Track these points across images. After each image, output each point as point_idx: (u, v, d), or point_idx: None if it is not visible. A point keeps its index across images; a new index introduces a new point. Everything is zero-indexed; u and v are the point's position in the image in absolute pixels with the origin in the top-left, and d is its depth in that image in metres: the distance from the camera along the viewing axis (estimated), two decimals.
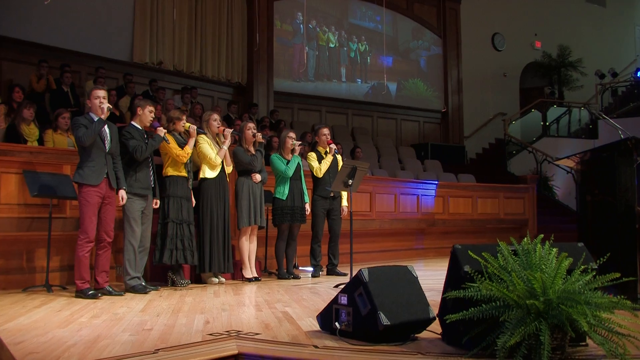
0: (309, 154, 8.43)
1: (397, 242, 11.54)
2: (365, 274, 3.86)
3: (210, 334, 4.06)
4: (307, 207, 8.11)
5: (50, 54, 11.70)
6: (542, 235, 3.69)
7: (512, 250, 3.58)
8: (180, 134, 7.14)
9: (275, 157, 8.01)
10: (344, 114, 17.26)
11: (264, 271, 8.64)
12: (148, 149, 6.47)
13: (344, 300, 3.98)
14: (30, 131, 7.56)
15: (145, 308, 5.32)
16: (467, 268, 3.50)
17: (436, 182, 12.45)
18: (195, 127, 7.13)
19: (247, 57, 15.47)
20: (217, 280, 7.40)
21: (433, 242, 12.27)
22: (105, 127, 6.14)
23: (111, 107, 6.24)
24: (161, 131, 6.62)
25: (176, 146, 6.94)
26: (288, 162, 7.95)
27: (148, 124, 6.64)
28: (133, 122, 6.64)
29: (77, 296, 5.96)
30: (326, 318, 4.11)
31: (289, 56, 16.31)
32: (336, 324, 3.95)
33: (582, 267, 3.51)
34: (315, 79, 16.84)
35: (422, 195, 12.03)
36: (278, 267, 8.06)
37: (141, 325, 4.41)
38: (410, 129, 18.35)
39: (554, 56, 20.49)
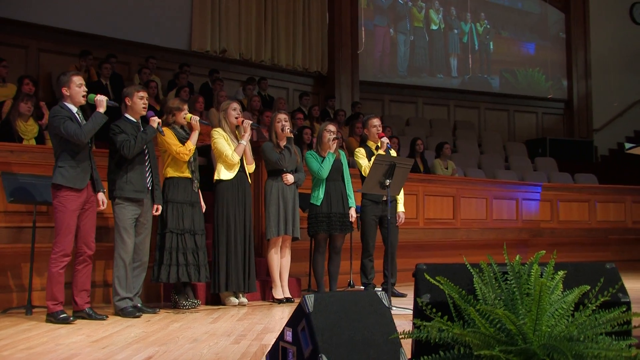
0: (357, 150, 7.73)
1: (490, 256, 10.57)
2: (310, 301, 3.16)
3: None
4: (352, 212, 7.39)
5: (95, 43, 11.56)
6: (543, 252, 2.89)
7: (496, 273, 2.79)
8: (182, 128, 6.66)
9: (309, 155, 7.35)
10: (445, 106, 16.34)
11: (307, 290, 8.02)
12: (137, 144, 5.98)
13: (289, 336, 3.30)
14: (27, 128, 7.31)
15: (106, 337, 4.84)
16: (423, 298, 2.73)
17: (540, 184, 11.37)
18: (198, 119, 6.62)
19: (328, 41, 14.90)
20: (236, 301, 6.84)
21: None
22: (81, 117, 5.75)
23: (108, 98, 5.85)
24: (154, 122, 6.13)
25: (176, 142, 6.45)
26: (323, 160, 7.28)
27: (143, 113, 6.19)
28: (126, 114, 6.21)
29: (47, 320, 5.56)
30: (274, 358, 3.44)
31: (370, 44, 15.52)
32: None
33: (603, 298, 2.66)
34: (408, 74, 15.93)
35: (523, 199, 11.03)
36: (317, 285, 7.41)
37: None
38: (525, 122, 17.17)
39: None
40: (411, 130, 14.13)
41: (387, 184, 6.33)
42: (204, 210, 6.73)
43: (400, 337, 2.81)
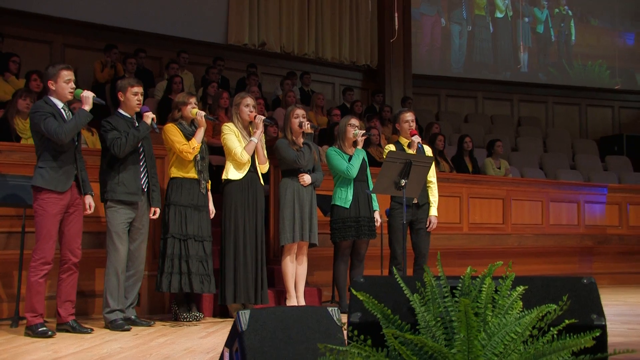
0: (387, 146, 7.39)
1: (547, 265, 10.06)
2: (244, 318, 2.87)
3: None
4: (377, 216, 7.06)
5: (124, 37, 11.57)
6: (500, 263, 2.55)
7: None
8: (192, 124, 6.46)
9: (332, 152, 7.01)
10: (508, 100, 15.82)
11: (331, 302, 7.71)
12: (129, 142, 5.77)
13: (227, 357, 3.02)
14: (26, 126, 7.19)
15: (75, 353, 4.66)
16: (352, 317, 2.42)
17: (606, 186, 10.80)
18: (204, 114, 6.39)
19: (378, 33, 14.56)
20: None
21: (605, 266, 10.66)
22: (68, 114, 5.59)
23: (95, 95, 5.67)
24: (148, 117, 5.93)
25: (180, 139, 6.24)
26: (350, 157, 6.95)
27: (138, 109, 5.99)
28: (119, 110, 6.03)
29: (25, 334, 5.39)
30: None
31: (418, 36, 15.07)
32: None
33: (568, 321, 2.30)
34: (465, 71, 15.40)
35: (585, 202, 10.49)
36: (339, 296, 7.11)
37: None
38: (598, 117, 16.46)
39: None
40: (470, 128, 13.70)
41: (403, 184, 5.98)
42: (212, 214, 6.52)
43: None
